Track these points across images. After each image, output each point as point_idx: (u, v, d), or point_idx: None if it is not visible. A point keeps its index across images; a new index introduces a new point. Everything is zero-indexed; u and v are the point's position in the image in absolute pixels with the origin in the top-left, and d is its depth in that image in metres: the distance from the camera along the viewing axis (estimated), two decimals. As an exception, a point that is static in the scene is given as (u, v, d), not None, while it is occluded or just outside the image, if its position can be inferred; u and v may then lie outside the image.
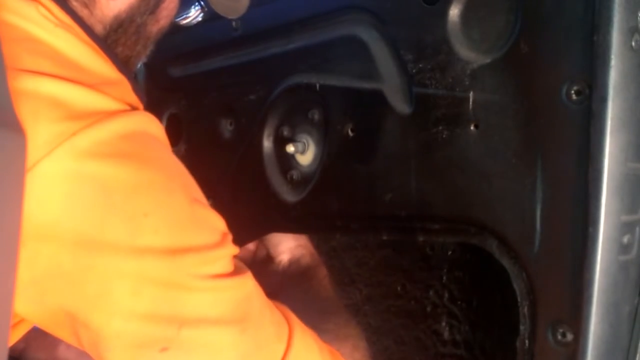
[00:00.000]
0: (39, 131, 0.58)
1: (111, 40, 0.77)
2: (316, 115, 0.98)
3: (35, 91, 0.60)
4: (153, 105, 1.27)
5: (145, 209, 0.61)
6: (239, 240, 1.12)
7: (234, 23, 1.05)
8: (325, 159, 0.97)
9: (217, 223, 0.69)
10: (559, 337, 0.69)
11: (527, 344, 0.72)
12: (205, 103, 1.16)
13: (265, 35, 1.04)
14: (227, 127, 1.13)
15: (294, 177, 1.03)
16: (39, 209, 0.58)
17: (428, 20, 0.81)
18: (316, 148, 0.99)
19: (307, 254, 1.05)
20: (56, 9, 0.68)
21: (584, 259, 0.67)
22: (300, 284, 1.00)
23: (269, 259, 1.08)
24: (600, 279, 0.66)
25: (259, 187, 1.06)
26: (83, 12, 0.73)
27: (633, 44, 0.65)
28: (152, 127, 0.67)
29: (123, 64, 0.79)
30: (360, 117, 0.91)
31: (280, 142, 1.04)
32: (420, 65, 0.82)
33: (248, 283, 0.69)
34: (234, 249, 0.69)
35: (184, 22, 0.93)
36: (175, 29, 0.89)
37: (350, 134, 0.92)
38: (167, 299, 0.62)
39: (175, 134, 1.25)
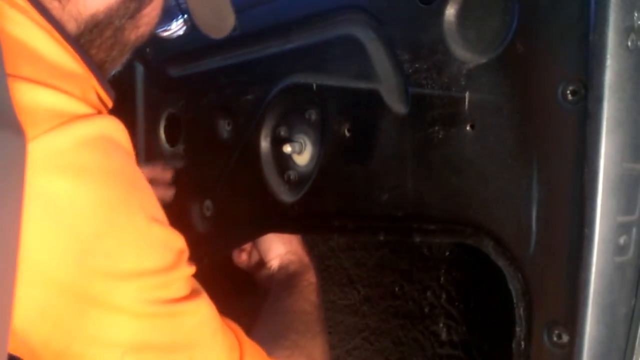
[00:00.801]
0: None
1: (85, 40, 0.74)
2: (313, 115, 0.98)
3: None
4: (151, 105, 1.28)
5: (99, 230, 0.59)
6: (237, 241, 1.13)
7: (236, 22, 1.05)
8: (322, 159, 0.97)
9: (174, 242, 0.66)
10: (555, 338, 0.69)
11: (523, 345, 0.72)
12: (204, 103, 1.16)
13: (262, 36, 1.04)
14: (224, 127, 1.12)
15: (291, 177, 1.03)
16: None
17: (424, 20, 0.80)
18: (313, 148, 0.99)
19: (295, 261, 1.05)
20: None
21: (580, 260, 0.66)
22: (282, 293, 1.00)
23: (261, 262, 1.09)
24: (596, 280, 0.66)
25: (256, 188, 1.06)
26: (54, 7, 0.69)
27: (629, 43, 0.65)
28: (114, 132, 0.64)
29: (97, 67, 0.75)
30: (357, 117, 0.91)
31: (277, 142, 1.04)
32: (417, 65, 0.82)
33: (202, 307, 0.67)
34: (190, 270, 0.67)
35: (165, 34, 0.91)
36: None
37: (347, 134, 0.92)
38: (112, 324, 0.60)
39: (173, 134, 1.25)
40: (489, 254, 0.75)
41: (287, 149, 1.00)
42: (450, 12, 0.78)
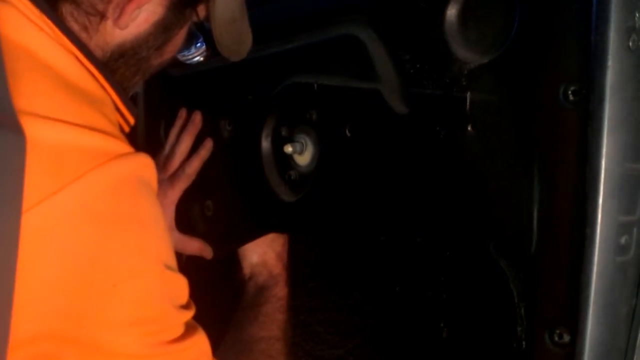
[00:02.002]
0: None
1: (110, 67, 0.74)
2: (314, 115, 0.98)
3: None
4: (151, 105, 1.28)
5: (115, 278, 0.61)
6: (237, 241, 1.13)
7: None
8: (323, 160, 0.97)
9: (181, 288, 0.69)
10: (556, 338, 0.69)
11: (524, 345, 0.72)
12: (204, 103, 1.16)
13: (263, 35, 1.03)
14: (225, 127, 1.12)
15: (292, 177, 1.03)
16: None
17: (425, 20, 0.80)
18: (314, 148, 0.99)
19: (264, 273, 1.05)
20: (41, 17, 0.65)
21: (581, 260, 0.66)
22: (248, 313, 1.01)
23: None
24: (598, 280, 0.66)
25: (257, 188, 1.06)
26: (81, 37, 0.70)
27: (630, 44, 0.65)
28: (144, 172, 0.65)
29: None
30: (358, 117, 0.91)
31: (278, 142, 1.03)
32: (418, 66, 0.82)
33: (198, 344, 0.69)
34: (191, 312, 0.69)
35: (184, 58, 0.90)
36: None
37: (348, 134, 0.92)
38: None
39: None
40: (490, 254, 0.75)
41: (288, 149, 1.00)
42: (452, 12, 0.78)
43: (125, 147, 0.65)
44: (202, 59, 0.90)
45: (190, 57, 0.89)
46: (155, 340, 0.64)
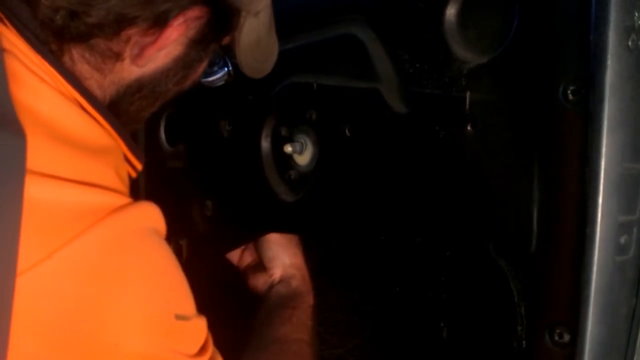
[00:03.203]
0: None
1: (125, 101, 0.71)
2: (314, 115, 0.98)
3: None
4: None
5: (117, 338, 0.59)
6: (237, 241, 1.12)
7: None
8: (322, 159, 0.97)
9: (197, 334, 0.66)
10: (556, 337, 0.69)
11: (524, 345, 0.72)
12: (204, 103, 1.16)
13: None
14: (225, 127, 1.12)
15: (292, 177, 1.03)
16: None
17: (425, 20, 0.80)
18: (314, 148, 0.99)
19: (298, 277, 1.03)
20: (41, 63, 0.62)
21: (581, 259, 0.66)
22: (282, 312, 0.99)
23: (260, 267, 1.07)
24: (597, 280, 0.66)
25: (256, 188, 1.06)
26: (92, 76, 0.67)
27: (629, 43, 0.65)
28: (148, 220, 0.63)
29: (132, 121, 0.74)
30: (358, 117, 0.91)
31: (278, 142, 1.03)
32: (417, 65, 0.82)
33: None
34: (208, 353, 0.67)
35: (206, 83, 0.86)
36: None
37: (348, 134, 0.92)
38: None
39: (174, 134, 1.25)
40: (489, 254, 0.75)
41: (288, 148, 1.00)
42: (451, 12, 0.78)
43: (125, 199, 0.62)
44: (223, 82, 0.86)
45: (213, 81, 0.85)
46: None
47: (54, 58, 0.64)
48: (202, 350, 0.67)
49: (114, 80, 0.69)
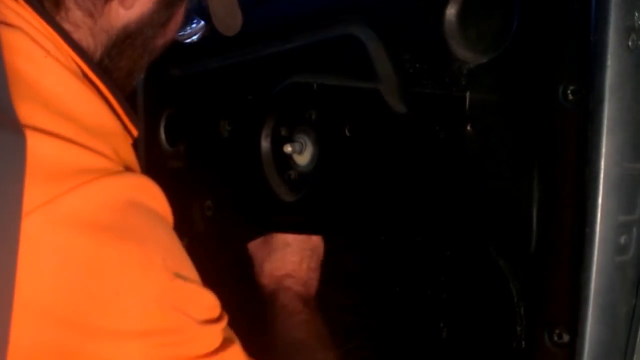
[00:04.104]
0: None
1: (115, 52, 0.74)
2: (313, 115, 0.98)
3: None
4: (151, 105, 1.28)
5: (117, 287, 0.59)
6: (237, 241, 1.13)
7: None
8: (322, 159, 0.97)
9: (202, 300, 0.65)
10: (556, 338, 0.69)
11: (523, 345, 0.72)
12: (204, 103, 1.16)
13: (263, 35, 1.04)
14: (225, 127, 1.12)
15: (292, 177, 1.03)
16: None
17: (425, 20, 0.80)
18: (314, 148, 0.99)
19: (295, 282, 1.03)
20: (45, 31, 0.65)
21: (580, 259, 0.66)
22: (298, 312, 0.99)
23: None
24: (597, 280, 0.66)
25: (256, 188, 1.05)
26: (85, 23, 0.70)
27: (630, 43, 0.65)
28: (140, 192, 0.64)
29: (125, 79, 0.76)
30: (358, 117, 0.91)
31: (277, 142, 1.03)
32: (417, 65, 0.82)
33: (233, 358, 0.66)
34: (220, 324, 0.66)
35: (181, 38, 0.90)
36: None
37: (348, 133, 0.92)
38: None
39: (174, 134, 1.25)
40: (489, 254, 0.75)
41: (288, 148, 1.00)
42: (451, 11, 0.78)
43: (121, 169, 0.63)
44: (196, 38, 0.91)
45: (186, 36, 0.90)
46: (167, 354, 0.61)
47: (51, 16, 0.66)
48: (215, 321, 0.66)
49: (103, 26, 0.71)
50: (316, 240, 1.06)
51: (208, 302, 0.66)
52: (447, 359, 0.90)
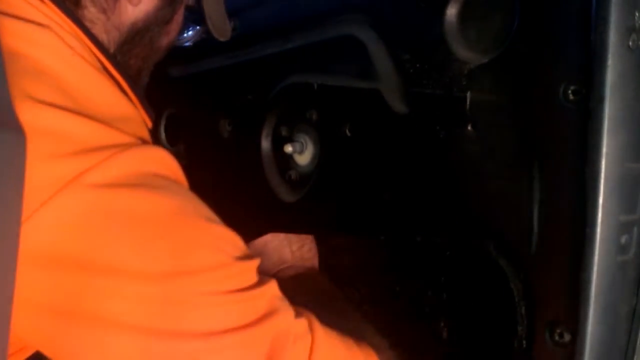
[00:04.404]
0: (44, 167, 0.58)
1: (126, 49, 0.79)
2: (314, 115, 0.98)
3: (41, 124, 0.59)
4: (153, 105, 1.28)
5: (154, 234, 0.61)
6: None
7: (232, 23, 1.05)
8: (323, 159, 0.97)
9: (235, 239, 0.69)
10: (557, 337, 0.69)
11: (524, 345, 0.72)
12: (204, 103, 1.16)
13: (263, 35, 1.04)
14: (225, 127, 1.12)
15: (292, 177, 1.03)
16: (47, 241, 0.58)
17: (425, 20, 0.81)
18: (314, 148, 0.99)
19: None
20: (70, 29, 0.68)
21: (581, 259, 0.66)
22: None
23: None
24: (598, 280, 0.66)
25: (257, 187, 1.06)
26: (99, 19, 0.74)
27: (630, 43, 0.65)
28: (161, 161, 0.67)
29: (135, 77, 0.80)
30: (358, 117, 0.91)
31: (278, 142, 1.04)
32: (418, 65, 0.82)
33: (271, 288, 0.68)
34: (254, 263, 0.68)
35: (178, 42, 0.95)
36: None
37: (348, 133, 0.92)
38: (170, 315, 0.61)
39: (174, 134, 1.25)
40: (490, 254, 0.75)
41: (288, 148, 1.00)
42: (452, 12, 0.78)
43: (141, 143, 0.66)
44: (191, 43, 0.97)
45: (183, 40, 0.96)
46: (211, 290, 0.62)
47: (74, 14, 0.70)
48: (249, 258, 0.68)
49: (115, 23, 0.76)
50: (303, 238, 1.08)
51: (239, 242, 0.69)
52: (447, 359, 0.90)
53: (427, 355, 0.93)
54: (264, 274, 1.04)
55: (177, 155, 1.23)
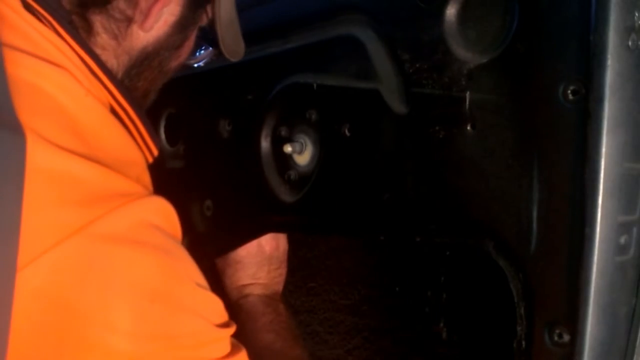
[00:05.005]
0: (52, 213, 0.59)
1: (134, 72, 0.79)
2: (313, 115, 0.98)
3: (52, 167, 0.60)
4: (152, 105, 1.28)
5: (152, 295, 0.63)
6: (237, 241, 1.13)
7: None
8: (322, 159, 0.97)
9: (217, 306, 0.71)
10: (556, 337, 0.69)
11: (523, 345, 0.72)
12: (204, 103, 1.16)
13: (263, 35, 1.04)
14: (225, 127, 1.12)
15: (292, 177, 1.03)
16: (46, 280, 0.58)
17: (425, 20, 0.80)
18: (313, 148, 0.99)
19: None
20: (82, 60, 0.69)
21: (580, 259, 0.66)
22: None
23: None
24: (597, 280, 0.66)
25: (256, 188, 1.05)
26: (110, 45, 0.75)
27: (630, 43, 0.65)
28: (161, 214, 0.68)
29: (141, 99, 0.81)
30: (358, 117, 0.91)
31: (277, 142, 1.03)
32: (417, 65, 0.82)
33: None
34: (230, 330, 0.71)
35: (190, 62, 0.94)
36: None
37: (348, 133, 0.92)
38: None
39: (173, 134, 1.25)
40: (489, 254, 0.75)
41: (288, 148, 1.00)
42: (451, 12, 0.78)
43: (146, 193, 0.68)
44: (202, 63, 0.95)
45: (195, 61, 0.94)
46: (185, 356, 0.65)
47: (87, 45, 0.71)
48: (226, 325, 0.71)
49: (126, 48, 0.76)
50: (270, 250, 1.11)
51: (220, 308, 0.71)
52: (447, 359, 0.90)
53: (427, 356, 0.93)
54: (232, 288, 1.08)
55: (177, 156, 1.24)
